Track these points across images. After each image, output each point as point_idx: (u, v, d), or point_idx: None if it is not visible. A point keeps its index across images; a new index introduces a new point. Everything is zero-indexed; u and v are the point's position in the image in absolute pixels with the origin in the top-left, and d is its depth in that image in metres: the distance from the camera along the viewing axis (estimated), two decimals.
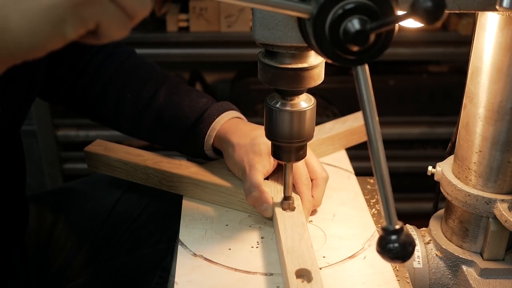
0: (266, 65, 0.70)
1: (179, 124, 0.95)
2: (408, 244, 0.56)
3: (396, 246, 0.56)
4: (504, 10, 0.63)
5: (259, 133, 0.88)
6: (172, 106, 0.96)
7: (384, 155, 0.57)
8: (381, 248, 0.57)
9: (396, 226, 0.56)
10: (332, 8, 0.53)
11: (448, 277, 0.83)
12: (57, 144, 2.01)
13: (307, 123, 0.75)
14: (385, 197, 0.57)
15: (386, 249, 0.56)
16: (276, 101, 0.74)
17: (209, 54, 1.96)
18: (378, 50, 0.55)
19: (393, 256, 0.56)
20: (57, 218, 1.06)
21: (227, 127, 0.92)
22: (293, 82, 0.70)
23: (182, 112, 0.95)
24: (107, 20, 0.49)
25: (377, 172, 0.57)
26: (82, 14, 0.48)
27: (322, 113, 2.07)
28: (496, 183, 0.78)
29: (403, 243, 0.56)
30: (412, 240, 0.57)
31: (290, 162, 0.80)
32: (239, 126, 0.92)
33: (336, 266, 0.77)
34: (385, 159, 0.57)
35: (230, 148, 0.89)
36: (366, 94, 0.57)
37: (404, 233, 0.57)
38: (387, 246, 0.56)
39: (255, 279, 0.75)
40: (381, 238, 0.57)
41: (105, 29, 0.50)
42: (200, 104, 0.95)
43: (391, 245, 0.56)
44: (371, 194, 0.97)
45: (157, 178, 0.94)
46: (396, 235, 0.56)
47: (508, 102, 0.72)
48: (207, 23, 1.93)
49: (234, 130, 0.91)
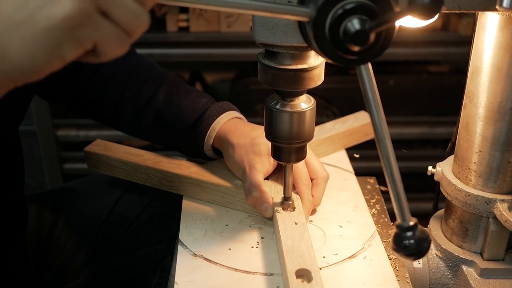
0: (266, 66, 0.70)
1: (178, 124, 0.95)
2: (423, 240, 0.56)
3: (412, 243, 0.55)
4: (504, 10, 0.63)
5: (259, 133, 0.88)
6: (172, 106, 0.96)
7: (393, 153, 0.57)
8: (396, 245, 0.56)
9: (410, 223, 0.56)
10: (331, 8, 0.53)
11: (448, 277, 0.83)
12: (57, 144, 2.00)
13: (307, 124, 0.75)
14: (396, 194, 0.57)
15: (402, 246, 0.56)
16: (276, 102, 0.75)
17: (209, 54, 1.96)
18: (379, 50, 0.55)
19: (409, 252, 0.56)
20: (57, 218, 1.05)
21: (227, 127, 0.92)
22: (293, 83, 0.70)
23: (182, 112, 0.95)
24: (105, 39, 0.49)
25: (387, 170, 0.57)
26: (78, 35, 0.48)
27: (322, 113, 2.07)
28: (496, 183, 0.78)
29: (418, 240, 0.56)
30: (427, 236, 0.56)
31: (290, 163, 0.80)
32: (239, 127, 0.92)
33: (336, 266, 0.77)
34: (395, 156, 0.57)
35: (230, 148, 0.89)
36: (371, 93, 0.57)
37: (418, 229, 0.56)
38: (402, 243, 0.56)
39: (255, 279, 0.75)
40: (396, 236, 0.56)
41: (103, 47, 0.49)
42: (200, 104, 0.95)
43: (406, 241, 0.56)
44: (371, 194, 0.97)
45: (157, 178, 0.94)
46: (411, 231, 0.56)
47: (508, 102, 0.72)
48: (207, 23, 1.93)
49: (234, 131, 0.91)
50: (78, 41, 0.48)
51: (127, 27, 0.49)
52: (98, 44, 0.49)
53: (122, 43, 0.50)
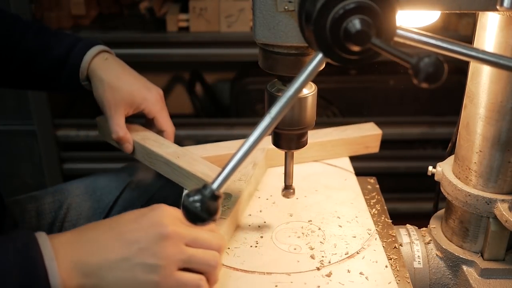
0: (267, 51, 0.69)
1: (50, 61, 1.01)
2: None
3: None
4: (505, 10, 0.63)
5: (129, 80, 0.99)
6: (42, 46, 1.01)
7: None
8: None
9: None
10: (332, 8, 0.53)
11: (449, 277, 0.83)
12: (57, 144, 2.00)
13: (308, 110, 0.74)
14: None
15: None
16: (277, 88, 0.74)
17: (209, 54, 1.96)
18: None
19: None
20: (57, 218, 1.06)
21: (99, 61, 1.00)
22: (294, 67, 0.69)
23: (52, 49, 1.00)
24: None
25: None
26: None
27: (322, 113, 2.07)
28: (497, 183, 0.78)
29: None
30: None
31: (291, 150, 0.79)
32: (110, 64, 1.00)
33: (335, 265, 0.77)
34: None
35: (99, 80, 0.98)
36: (301, 80, 0.58)
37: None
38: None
39: (253, 278, 0.75)
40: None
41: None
42: (69, 39, 1.01)
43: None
44: (371, 194, 0.97)
45: (141, 154, 1.01)
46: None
47: (509, 102, 0.72)
48: (207, 23, 1.93)
49: (107, 66, 0.99)
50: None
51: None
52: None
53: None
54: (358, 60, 0.56)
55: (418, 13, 0.76)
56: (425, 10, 0.66)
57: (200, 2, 1.90)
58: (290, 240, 0.83)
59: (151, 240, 0.64)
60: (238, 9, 1.91)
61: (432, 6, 0.66)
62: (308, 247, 0.81)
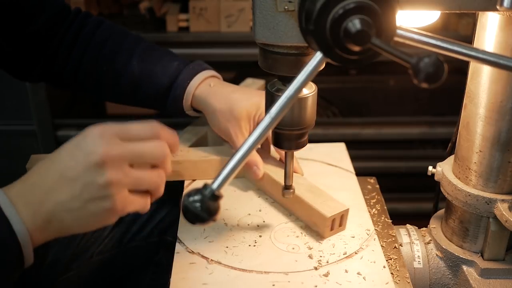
0: (267, 51, 0.69)
1: (154, 90, 1.00)
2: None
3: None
4: (505, 10, 0.63)
5: (237, 96, 0.93)
6: (146, 74, 1.00)
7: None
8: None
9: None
10: (332, 8, 0.53)
11: (449, 277, 0.83)
12: (57, 144, 2.00)
13: (308, 110, 0.74)
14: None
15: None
16: (277, 87, 0.74)
17: (209, 54, 1.97)
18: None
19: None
20: None
21: (203, 89, 0.97)
22: (294, 67, 0.69)
23: (156, 79, 0.99)
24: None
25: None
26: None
27: (322, 113, 2.07)
28: (497, 183, 0.78)
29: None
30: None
31: (291, 150, 0.79)
32: (217, 89, 0.96)
33: (333, 265, 0.77)
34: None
35: (211, 113, 0.95)
36: (301, 80, 0.58)
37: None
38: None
39: (251, 277, 0.75)
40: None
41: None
42: (172, 68, 0.99)
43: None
44: (371, 194, 0.97)
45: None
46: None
47: (509, 102, 0.72)
48: (207, 23, 1.93)
49: (213, 93, 0.95)
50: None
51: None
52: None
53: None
54: (358, 60, 0.56)
55: (418, 13, 0.76)
56: (425, 10, 0.66)
57: (200, 2, 1.90)
58: (288, 239, 0.83)
59: (91, 172, 0.61)
60: (238, 9, 1.91)
61: (432, 6, 0.66)
62: (306, 247, 0.81)
